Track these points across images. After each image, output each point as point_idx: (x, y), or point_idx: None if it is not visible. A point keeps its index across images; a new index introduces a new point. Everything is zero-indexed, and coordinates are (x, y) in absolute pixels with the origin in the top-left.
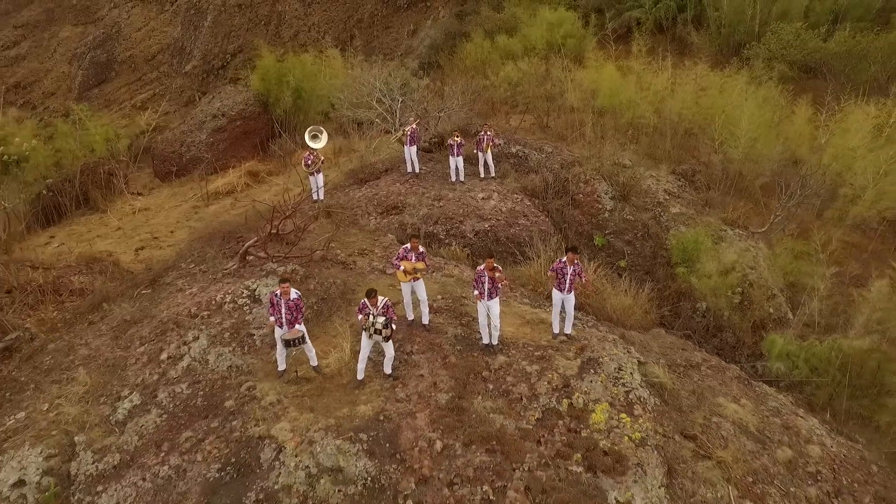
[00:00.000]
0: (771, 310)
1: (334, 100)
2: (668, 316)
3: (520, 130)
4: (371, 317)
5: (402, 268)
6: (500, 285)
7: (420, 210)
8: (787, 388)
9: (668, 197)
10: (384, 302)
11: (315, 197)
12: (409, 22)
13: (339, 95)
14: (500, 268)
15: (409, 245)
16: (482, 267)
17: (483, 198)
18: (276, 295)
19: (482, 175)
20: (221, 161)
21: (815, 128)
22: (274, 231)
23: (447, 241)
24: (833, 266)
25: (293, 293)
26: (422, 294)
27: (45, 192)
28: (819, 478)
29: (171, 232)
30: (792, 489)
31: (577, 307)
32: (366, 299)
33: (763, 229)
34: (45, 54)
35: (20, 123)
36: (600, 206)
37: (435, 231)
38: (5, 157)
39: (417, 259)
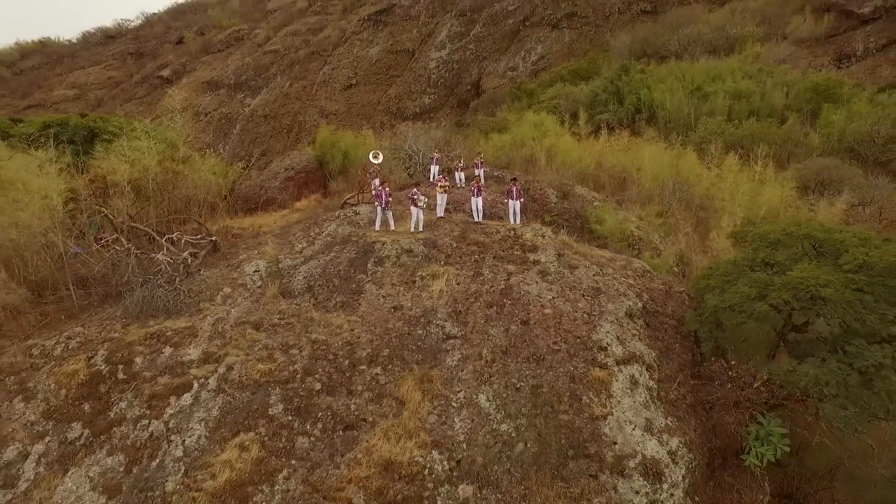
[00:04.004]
0: (658, 259)
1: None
2: None
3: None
4: (420, 199)
5: (438, 185)
6: (482, 189)
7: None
8: None
9: (592, 198)
10: (422, 191)
11: (373, 194)
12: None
13: (381, 146)
14: (481, 183)
15: (441, 176)
16: (473, 181)
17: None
18: (379, 190)
19: None
20: (291, 200)
21: (702, 170)
22: (358, 192)
23: (455, 213)
24: (689, 226)
25: (387, 188)
26: (445, 201)
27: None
28: (637, 273)
29: (274, 223)
30: (620, 271)
31: (524, 210)
32: (415, 189)
33: (660, 221)
34: None
35: None
36: (548, 201)
37: (448, 208)
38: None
39: (445, 181)
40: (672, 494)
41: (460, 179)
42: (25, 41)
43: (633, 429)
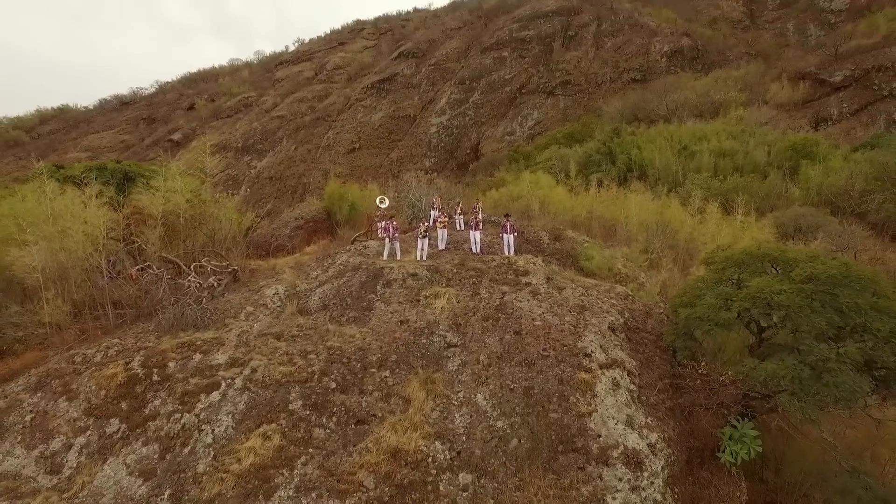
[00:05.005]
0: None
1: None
2: None
3: None
4: (421, 229)
5: (438, 221)
6: (480, 225)
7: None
8: None
9: (582, 240)
10: (425, 225)
11: (380, 234)
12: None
13: (386, 193)
14: (479, 220)
15: (440, 212)
16: (471, 217)
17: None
18: (386, 224)
19: None
20: (300, 247)
21: (686, 217)
22: (367, 231)
23: (455, 250)
24: (671, 262)
25: (395, 222)
26: (445, 236)
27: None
28: (620, 296)
29: (286, 263)
30: (604, 293)
31: (517, 247)
32: (420, 224)
33: (645, 263)
34: None
35: None
36: (541, 242)
37: (448, 247)
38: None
39: (444, 216)
40: (652, 483)
41: (460, 224)
42: (45, 108)
43: (616, 423)
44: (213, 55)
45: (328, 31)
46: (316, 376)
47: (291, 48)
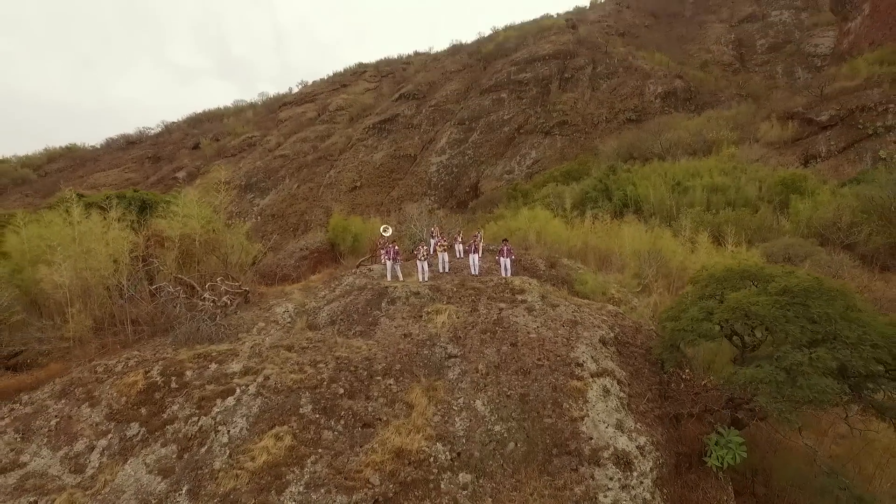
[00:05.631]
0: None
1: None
2: None
3: None
4: (421, 252)
5: (438, 245)
6: (479, 249)
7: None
8: None
9: (577, 267)
10: (424, 248)
11: (382, 260)
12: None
13: (389, 222)
14: (479, 246)
15: (440, 238)
16: (471, 241)
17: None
18: (388, 248)
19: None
20: (305, 276)
21: (678, 246)
22: (371, 256)
23: (456, 274)
24: (662, 286)
25: (395, 247)
26: (446, 258)
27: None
28: (611, 314)
29: (294, 287)
30: (596, 311)
31: (514, 273)
32: (419, 247)
33: (638, 289)
34: None
35: None
36: (538, 268)
37: (449, 272)
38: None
39: (444, 241)
40: (642, 482)
41: (459, 252)
42: (53, 147)
43: (606, 427)
44: (218, 96)
45: (331, 74)
46: (325, 383)
47: (295, 90)
